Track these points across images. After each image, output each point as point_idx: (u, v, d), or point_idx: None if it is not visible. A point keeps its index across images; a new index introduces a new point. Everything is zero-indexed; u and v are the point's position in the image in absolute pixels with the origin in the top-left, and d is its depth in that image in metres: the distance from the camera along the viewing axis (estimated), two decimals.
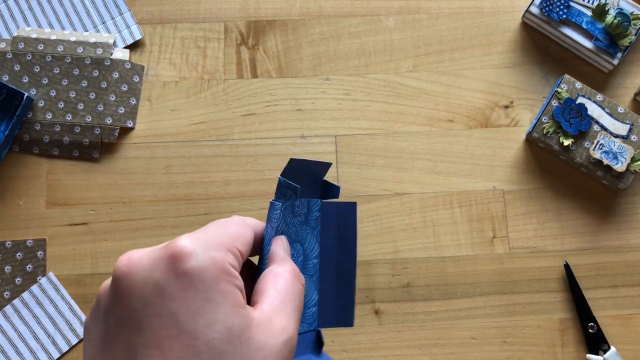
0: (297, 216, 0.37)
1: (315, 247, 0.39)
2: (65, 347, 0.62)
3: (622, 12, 0.66)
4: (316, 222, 0.39)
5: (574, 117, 0.64)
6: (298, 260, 0.37)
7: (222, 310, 0.26)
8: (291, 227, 0.37)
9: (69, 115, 0.66)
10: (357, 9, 0.70)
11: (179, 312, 0.26)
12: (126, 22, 0.69)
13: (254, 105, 0.68)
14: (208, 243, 0.28)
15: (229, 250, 0.28)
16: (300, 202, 0.37)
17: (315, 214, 0.39)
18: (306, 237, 0.38)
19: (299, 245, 0.37)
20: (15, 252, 0.64)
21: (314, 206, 0.39)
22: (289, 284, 0.31)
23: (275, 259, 0.33)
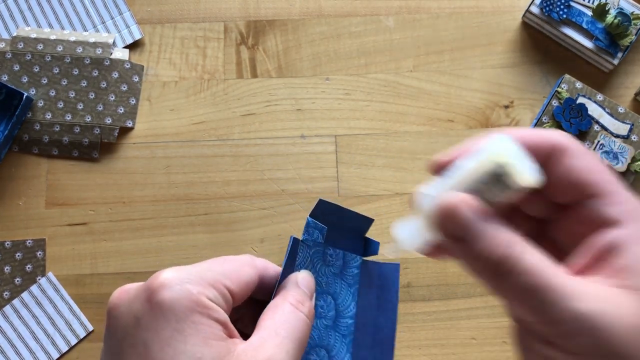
0: (330, 266, 0.35)
1: (351, 306, 0.36)
2: (65, 348, 0.62)
3: (623, 12, 0.66)
4: (354, 280, 0.36)
5: (574, 117, 0.64)
6: (328, 315, 0.35)
7: (192, 342, 0.26)
8: (322, 276, 0.35)
9: (69, 115, 0.66)
10: (357, 8, 0.70)
11: (151, 342, 0.26)
12: (126, 22, 0.69)
13: (253, 105, 0.68)
14: (189, 276, 0.28)
15: (212, 285, 0.29)
16: (335, 252, 0.35)
17: (354, 271, 0.36)
18: (340, 291, 0.35)
19: (331, 299, 0.35)
20: (14, 252, 0.64)
21: (351, 261, 0.36)
22: (286, 313, 0.30)
23: (281, 290, 0.32)
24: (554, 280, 0.25)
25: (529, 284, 0.25)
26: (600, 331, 0.24)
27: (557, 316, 0.25)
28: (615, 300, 0.25)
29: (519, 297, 0.26)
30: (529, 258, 0.26)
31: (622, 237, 0.26)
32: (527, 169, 0.26)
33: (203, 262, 0.30)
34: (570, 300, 0.25)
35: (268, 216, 0.65)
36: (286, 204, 0.65)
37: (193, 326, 0.27)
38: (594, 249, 0.27)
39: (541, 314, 0.25)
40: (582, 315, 0.24)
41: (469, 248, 0.27)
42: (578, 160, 0.27)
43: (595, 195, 0.27)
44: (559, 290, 0.25)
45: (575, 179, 0.27)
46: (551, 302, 0.25)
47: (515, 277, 0.25)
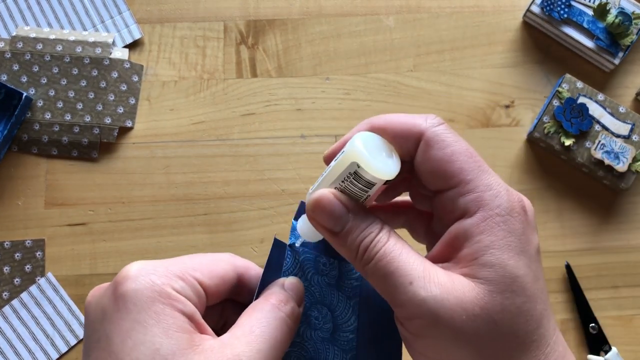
0: (324, 275, 0.34)
1: (352, 320, 0.34)
2: (64, 348, 0.62)
3: (624, 12, 0.66)
4: (353, 292, 0.34)
5: (575, 116, 0.64)
6: (324, 327, 0.33)
7: (151, 332, 0.26)
8: (314, 286, 0.34)
9: (68, 115, 0.66)
10: (358, 8, 0.70)
11: (112, 334, 0.26)
12: (125, 22, 0.69)
13: (253, 105, 0.67)
14: (155, 268, 0.28)
15: (180, 277, 0.28)
16: (329, 260, 0.34)
17: (353, 283, 0.34)
18: (338, 304, 0.34)
19: (327, 311, 0.33)
20: (14, 252, 0.63)
21: (348, 273, 0.34)
22: (264, 311, 0.29)
23: (264, 292, 0.31)
24: (404, 266, 0.27)
25: (382, 269, 0.27)
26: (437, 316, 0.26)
27: (401, 299, 0.27)
28: (457, 287, 0.27)
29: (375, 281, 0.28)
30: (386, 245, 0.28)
31: (468, 227, 0.28)
32: (380, 163, 0.28)
33: (177, 257, 0.31)
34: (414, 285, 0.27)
35: (268, 216, 0.65)
36: (286, 204, 0.65)
37: (154, 316, 0.26)
38: (448, 237, 0.29)
39: (390, 296, 0.27)
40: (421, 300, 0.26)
41: (335, 238, 0.29)
42: (439, 151, 0.29)
43: (453, 185, 0.29)
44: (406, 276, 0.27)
45: (436, 169, 0.29)
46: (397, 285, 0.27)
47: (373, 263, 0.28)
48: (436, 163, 0.29)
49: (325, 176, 0.30)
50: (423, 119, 0.30)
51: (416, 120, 0.30)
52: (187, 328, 0.27)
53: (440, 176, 0.29)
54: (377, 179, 0.28)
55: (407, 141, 0.30)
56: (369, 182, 0.29)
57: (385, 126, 0.30)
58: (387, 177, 0.29)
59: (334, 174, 0.29)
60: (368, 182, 0.29)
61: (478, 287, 0.27)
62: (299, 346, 0.33)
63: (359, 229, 0.29)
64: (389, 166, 0.29)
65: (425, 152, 0.29)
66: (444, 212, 0.30)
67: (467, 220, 0.28)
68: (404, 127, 0.30)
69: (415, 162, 0.30)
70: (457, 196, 0.29)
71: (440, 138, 0.29)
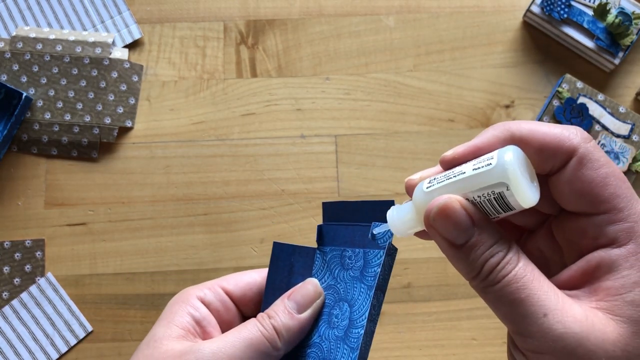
0: (349, 269, 0.33)
1: (364, 312, 0.32)
2: (64, 348, 0.62)
3: (624, 12, 0.66)
4: (373, 280, 0.32)
5: (575, 116, 0.64)
6: (341, 325, 0.33)
7: (160, 324, 0.33)
8: (340, 282, 0.33)
9: (68, 115, 0.66)
10: (357, 8, 0.70)
11: None
12: (125, 22, 0.69)
13: (253, 104, 0.67)
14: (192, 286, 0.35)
15: (208, 287, 0.34)
16: (354, 252, 0.33)
17: (375, 269, 0.32)
18: (357, 297, 0.32)
19: (347, 307, 0.32)
20: (13, 252, 0.63)
21: (373, 259, 0.32)
22: (247, 324, 0.32)
23: (267, 309, 0.34)
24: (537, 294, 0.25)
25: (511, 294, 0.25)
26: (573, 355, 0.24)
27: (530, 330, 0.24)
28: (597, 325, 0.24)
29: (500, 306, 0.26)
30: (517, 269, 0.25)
31: (615, 257, 0.25)
32: (529, 190, 0.26)
33: None
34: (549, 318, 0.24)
35: (268, 216, 0.65)
36: (286, 204, 0.65)
37: (169, 315, 0.33)
38: (585, 264, 0.26)
39: (516, 325, 0.25)
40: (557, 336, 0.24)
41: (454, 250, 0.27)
42: (592, 172, 0.26)
43: (603, 211, 0.26)
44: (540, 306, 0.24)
45: (586, 191, 0.26)
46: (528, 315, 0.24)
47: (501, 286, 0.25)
48: (587, 184, 0.26)
49: (455, 181, 0.27)
50: (574, 132, 0.27)
51: (567, 133, 0.27)
52: (187, 327, 0.32)
53: (589, 199, 0.26)
54: (520, 207, 0.26)
55: (554, 156, 0.27)
56: (509, 207, 0.26)
57: (529, 137, 0.27)
58: (531, 205, 0.26)
59: (469, 183, 0.27)
60: (508, 206, 0.26)
61: (620, 327, 0.24)
62: (318, 346, 0.33)
63: (485, 245, 0.26)
64: (534, 194, 0.26)
65: (576, 171, 0.26)
66: (579, 235, 0.27)
67: (614, 250, 0.25)
68: (553, 140, 0.27)
69: (556, 178, 0.27)
70: (606, 223, 0.26)
71: (594, 157, 0.26)
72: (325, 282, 0.33)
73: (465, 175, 0.27)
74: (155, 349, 0.31)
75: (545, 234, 0.30)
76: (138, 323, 0.63)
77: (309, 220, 0.64)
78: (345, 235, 0.33)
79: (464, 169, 0.27)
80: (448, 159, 0.29)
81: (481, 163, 0.27)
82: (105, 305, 0.63)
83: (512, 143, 0.27)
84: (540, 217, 0.30)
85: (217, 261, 0.64)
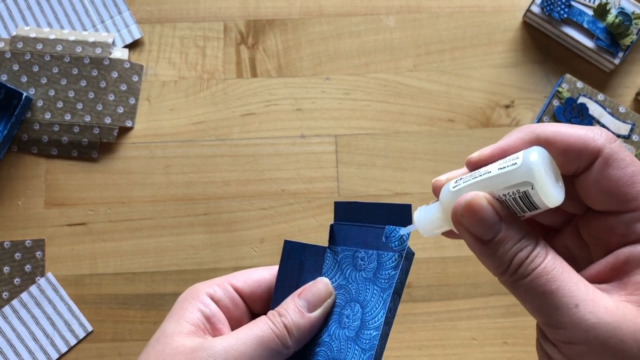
0: (361, 271, 0.33)
1: (380, 315, 0.32)
2: (64, 348, 0.62)
3: (624, 12, 0.66)
4: (389, 283, 0.32)
5: (575, 116, 0.64)
6: (352, 325, 0.33)
7: (171, 320, 0.33)
8: (352, 283, 0.33)
9: (68, 114, 0.66)
10: (358, 8, 0.70)
11: None
12: (125, 22, 0.69)
13: (253, 104, 0.67)
14: (201, 283, 0.35)
15: (217, 284, 0.34)
16: (367, 253, 0.33)
17: (389, 272, 0.32)
18: (370, 299, 0.32)
19: (359, 307, 0.33)
20: (13, 252, 0.63)
21: (387, 262, 0.33)
22: (257, 322, 0.33)
23: (277, 307, 0.34)
24: (568, 286, 0.25)
25: (542, 286, 0.25)
26: (606, 345, 0.24)
27: (562, 321, 0.25)
28: (629, 316, 0.25)
29: (529, 298, 0.26)
30: (546, 261, 0.26)
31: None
32: (554, 190, 0.26)
33: None
34: (580, 308, 0.25)
35: (268, 216, 0.65)
36: (286, 204, 0.65)
37: (179, 310, 0.33)
38: (614, 260, 0.27)
39: (547, 316, 0.26)
40: (589, 326, 0.24)
41: (482, 246, 0.27)
42: (619, 171, 0.27)
43: (631, 209, 0.27)
44: (571, 297, 0.25)
45: (613, 190, 0.27)
46: (559, 306, 0.25)
47: (530, 279, 0.26)
48: (614, 183, 0.27)
49: (482, 180, 0.28)
50: (598, 133, 0.27)
51: (591, 134, 0.27)
52: (197, 323, 0.32)
53: (617, 197, 0.27)
54: (545, 206, 0.26)
55: (579, 157, 0.27)
56: (535, 206, 0.27)
57: (554, 139, 0.27)
58: (555, 205, 0.26)
59: (495, 182, 0.27)
60: (533, 205, 0.27)
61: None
62: (327, 346, 0.33)
63: (513, 240, 0.27)
64: (559, 193, 0.26)
65: (602, 171, 0.27)
66: (607, 233, 0.28)
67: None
68: (578, 141, 0.27)
69: (582, 179, 0.28)
70: (635, 221, 0.27)
71: (619, 156, 0.27)
72: (336, 281, 0.34)
73: (491, 175, 0.28)
74: (167, 344, 0.32)
75: (571, 232, 0.30)
76: (138, 323, 0.63)
77: (309, 220, 0.64)
78: (358, 236, 0.34)
79: (489, 169, 0.28)
80: (474, 160, 0.30)
81: (507, 163, 0.27)
82: (105, 305, 0.63)
83: (537, 145, 0.28)
84: (566, 216, 0.30)
85: (217, 261, 0.64)
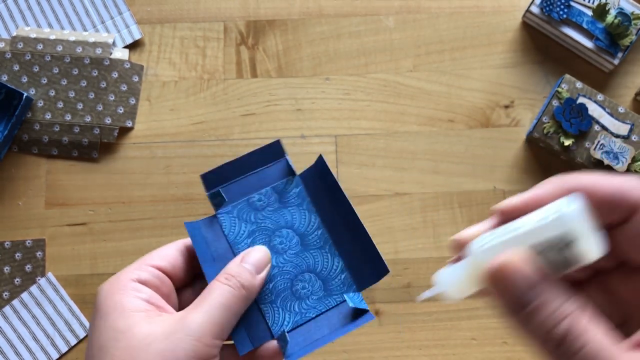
0: (265, 208, 0.38)
1: (312, 219, 0.38)
2: (65, 348, 0.62)
3: (623, 12, 0.66)
4: (300, 198, 0.39)
5: (574, 117, 0.64)
6: (292, 244, 0.37)
7: (112, 317, 0.32)
8: (263, 220, 0.38)
9: (68, 115, 0.66)
10: (357, 8, 0.70)
11: (91, 333, 0.32)
12: (125, 22, 0.69)
13: (253, 105, 0.67)
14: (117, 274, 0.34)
15: (137, 269, 0.34)
16: (260, 194, 0.38)
17: (294, 191, 0.39)
18: (293, 217, 0.38)
19: (287, 230, 0.38)
20: (14, 252, 0.63)
21: (285, 187, 0.39)
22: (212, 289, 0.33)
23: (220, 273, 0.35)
24: None
25: None
26: None
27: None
28: None
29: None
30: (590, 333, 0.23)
31: None
32: (595, 243, 0.24)
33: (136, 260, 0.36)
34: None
35: None
36: None
37: (113, 305, 0.32)
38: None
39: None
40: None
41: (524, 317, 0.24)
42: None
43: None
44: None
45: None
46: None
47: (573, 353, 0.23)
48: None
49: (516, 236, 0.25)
50: (637, 184, 0.25)
51: (628, 185, 0.25)
52: (143, 308, 0.32)
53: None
54: (587, 261, 0.24)
55: (618, 209, 0.25)
56: (577, 260, 0.24)
57: (592, 190, 0.25)
58: (598, 258, 0.24)
59: (531, 237, 0.25)
60: (576, 260, 0.24)
61: None
62: (280, 273, 0.37)
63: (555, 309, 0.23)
64: (600, 247, 0.24)
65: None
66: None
67: None
68: (615, 192, 0.25)
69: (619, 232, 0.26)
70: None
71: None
72: (245, 231, 0.37)
73: (527, 229, 0.25)
74: (130, 339, 0.30)
75: (598, 286, 0.28)
76: None
77: None
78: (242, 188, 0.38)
79: (523, 222, 0.25)
80: (506, 210, 0.27)
81: (543, 214, 0.25)
82: None
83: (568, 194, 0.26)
84: (592, 271, 0.28)
85: None
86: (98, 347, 0.31)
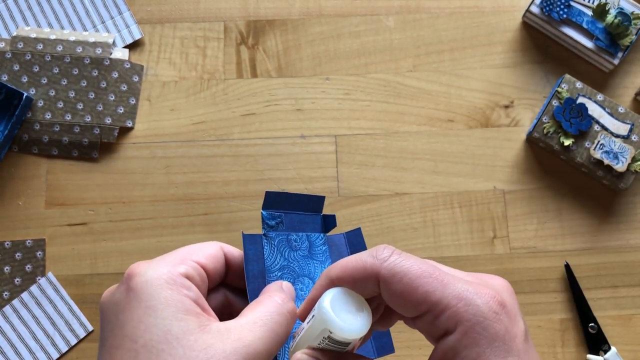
0: (297, 250, 0.38)
1: None
2: (65, 348, 0.62)
3: (623, 12, 0.66)
4: (324, 256, 0.39)
5: (574, 116, 0.64)
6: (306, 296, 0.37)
7: (162, 315, 0.29)
8: (293, 262, 0.37)
9: (69, 115, 0.66)
10: (357, 8, 0.70)
11: (126, 321, 0.29)
12: (125, 22, 0.69)
13: (253, 105, 0.68)
14: (159, 261, 0.31)
15: (182, 263, 0.32)
16: (298, 236, 0.38)
17: (321, 248, 0.39)
18: (315, 271, 0.38)
19: (308, 280, 0.37)
20: (14, 252, 0.63)
21: (316, 240, 0.39)
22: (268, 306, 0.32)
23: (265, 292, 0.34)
24: None
25: None
26: None
27: None
28: None
29: None
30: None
31: (452, 344, 0.29)
32: (350, 325, 0.29)
33: (171, 252, 0.33)
34: None
35: None
36: None
37: (164, 301, 0.29)
38: (436, 356, 0.30)
39: None
40: None
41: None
42: (399, 285, 0.29)
43: (425, 311, 0.29)
44: None
45: (403, 302, 0.29)
46: None
47: None
48: (401, 297, 0.29)
49: (301, 337, 0.31)
50: (372, 256, 0.30)
51: (366, 261, 0.30)
52: (194, 311, 0.30)
53: (410, 306, 0.29)
54: (351, 339, 0.30)
55: (367, 285, 0.30)
56: (344, 343, 0.30)
57: (341, 276, 0.31)
58: (359, 335, 0.30)
59: (309, 336, 0.31)
60: (343, 343, 0.30)
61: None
62: None
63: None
64: (359, 324, 0.30)
65: (387, 290, 0.30)
66: (427, 332, 0.30)
67: (450, 337, 0.29)
68: (358, 273, 0.30)
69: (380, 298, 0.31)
70: (433, 319, 0.29)
71: (394, 271, 0.29)
72: (279, 263, 0.37)
73: (304, 330, 0.31)
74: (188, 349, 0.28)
75: None
76: None
77: None
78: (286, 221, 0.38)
79: (304, 324, 0.32)
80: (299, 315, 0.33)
81: (310, 315, 0.31)
82: None
83: (331, 287, 0.31)
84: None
85: None
86: (143, 344, 0.28)
